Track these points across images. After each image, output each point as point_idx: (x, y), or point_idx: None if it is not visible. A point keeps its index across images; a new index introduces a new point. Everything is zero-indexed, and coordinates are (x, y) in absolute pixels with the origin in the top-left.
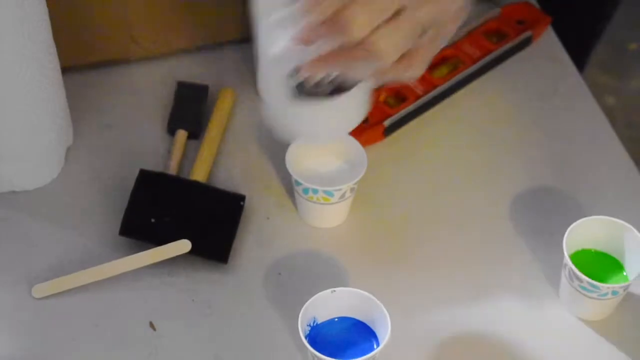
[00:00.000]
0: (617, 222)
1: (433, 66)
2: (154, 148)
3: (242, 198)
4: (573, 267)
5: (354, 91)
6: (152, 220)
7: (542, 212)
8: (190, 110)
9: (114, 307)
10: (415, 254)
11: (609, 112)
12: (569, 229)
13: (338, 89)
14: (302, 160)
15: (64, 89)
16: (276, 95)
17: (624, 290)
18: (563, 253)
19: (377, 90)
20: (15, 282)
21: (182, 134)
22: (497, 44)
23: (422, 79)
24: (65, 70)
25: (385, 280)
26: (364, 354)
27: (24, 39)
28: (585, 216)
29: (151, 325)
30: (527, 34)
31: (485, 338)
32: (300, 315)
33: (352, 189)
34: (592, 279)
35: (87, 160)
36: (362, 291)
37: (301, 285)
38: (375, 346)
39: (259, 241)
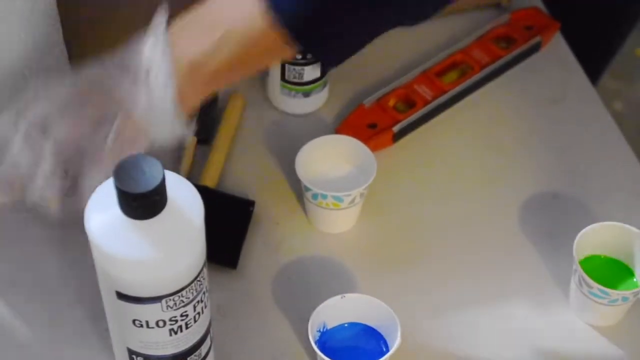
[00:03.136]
0: (627, 228)
1: (442, 72)
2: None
3: (251, 203)
4: (583, 273)
5: None
6: None
7: (552, 218)
8: (200, 115)
9: None
10: (424, 260)
11: (617, 118)
12: (578, 234)
13: None
14: (311, 165)
15: None
16: None
17: (635, 296)
18: (573, 259)
19: None
20: (29, 286)
21: (192, 140)
22: (506, 50)
23: (432, 85)
24: None
25: (394, 286)
26: None
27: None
28: (595, 222)
29: None
30: (536, 39)
31: (494, 344)
32: (310, 321)
33: (361, 195)
34: (602, 285)
35: None
36: (371, 297)
37: (310, 291)
38: (385, 352)
39: (268, 246)
